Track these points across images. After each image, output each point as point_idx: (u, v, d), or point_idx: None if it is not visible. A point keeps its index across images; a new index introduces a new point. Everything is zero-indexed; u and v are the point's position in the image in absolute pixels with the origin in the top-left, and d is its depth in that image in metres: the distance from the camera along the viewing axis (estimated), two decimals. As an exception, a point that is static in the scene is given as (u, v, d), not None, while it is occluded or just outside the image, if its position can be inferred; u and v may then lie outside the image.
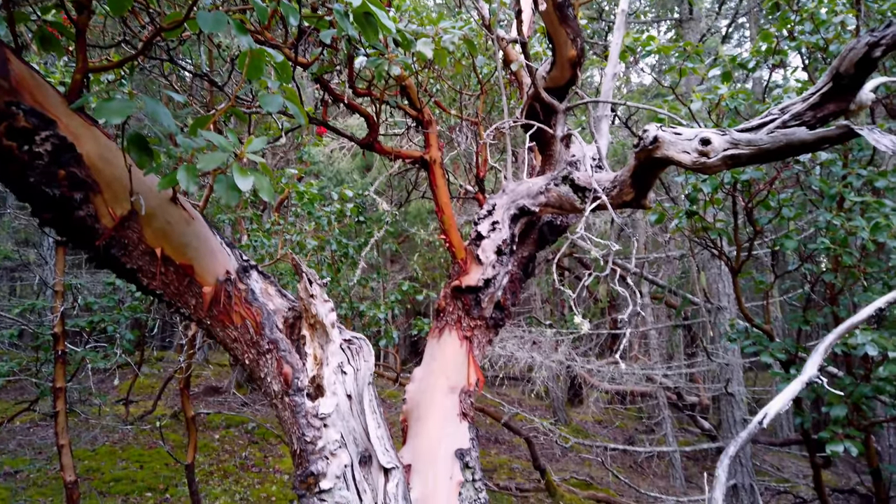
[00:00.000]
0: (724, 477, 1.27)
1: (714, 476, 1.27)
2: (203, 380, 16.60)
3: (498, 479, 11.59)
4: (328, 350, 2.10)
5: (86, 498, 8.36)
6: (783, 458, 14.45)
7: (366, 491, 2.20)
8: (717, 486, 1.25)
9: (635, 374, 9.85)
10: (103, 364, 6.42)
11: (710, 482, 1.27)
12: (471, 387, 3.24)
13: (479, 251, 3.21)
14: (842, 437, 3.56)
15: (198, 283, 2.00)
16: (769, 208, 4.06)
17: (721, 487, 1.25)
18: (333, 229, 6.68)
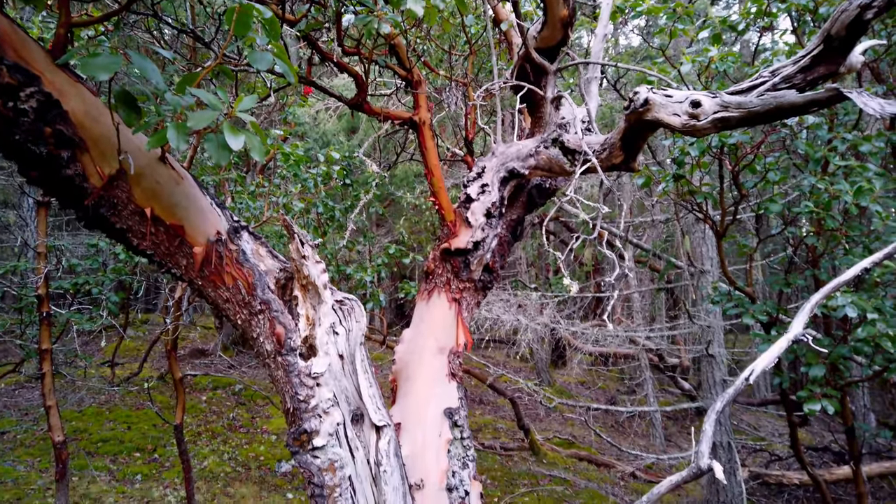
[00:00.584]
0: (710, 431, 1.31)
1: (701, 430, 1.31)
2: (189, 342, 16.63)
3: (483, 438, 11.82)
4: (320, 311, 2.11)
5: (74, 458, 8.42)
6: (760, 417, 14.86)
7: (358, 448, 2.24)
8: (703, 439, 1.30)
9: (618, 336, 10.00)
10: (89, 326, 6.40)
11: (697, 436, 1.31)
12: (459, 348, 3.28)
13: (469, 214, 3.21)
14: (819, 397, 3.67)
15: (188, 243, 1.99)
16: (755, 172, 4.09)
17: (708, 441, 1.30)
18: (320, 192, 6.64)
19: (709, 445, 1.30)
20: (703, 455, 1.27)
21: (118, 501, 7.28)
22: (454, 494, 2.83)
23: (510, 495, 8.87)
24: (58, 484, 6.01)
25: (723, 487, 8.13)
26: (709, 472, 1.25)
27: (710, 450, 1.28)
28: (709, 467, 1.25)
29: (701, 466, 1.27)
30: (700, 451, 1.28)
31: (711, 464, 1.24)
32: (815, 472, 5.25)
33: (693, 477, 1.30)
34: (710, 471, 1.24)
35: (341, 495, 2.13)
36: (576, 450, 11.32)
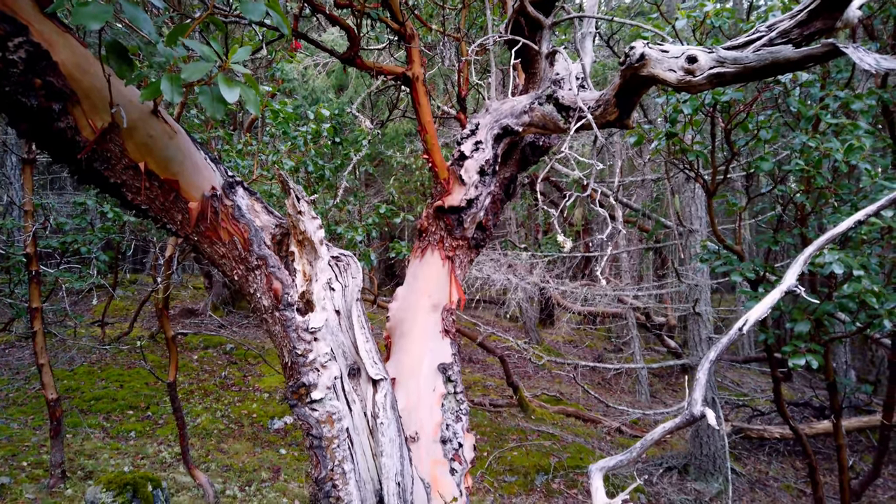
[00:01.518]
0: (704, 379, 1.35)
1: (695, 378, 1.35)
2: (179, 302, 16.64)
3: (472, 395, 12.02)
4: (317, 266, 2.12)
5: (67, 416, 8.49)
6: (744, 374, 15.18)
7: (355, 401, 2.28)
8: (697, 386, 1.33)
9: (606, 295, 10.12)
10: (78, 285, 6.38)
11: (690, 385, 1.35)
12: (452, 305, 3.31)
13: (462, 171, 3.20)
14: (804, 352, 3.75)
15: (183, 198, 1.98)
16: (747, 130, 4.10)
17: (701, 388, 1.33)
18: (309, 150, 6.58)
19: (702, 393, 1.33)
20: (696, 402, 1.31)
21: (113, 457, 7.37)
22: (448, 446, 2.90)
23: (499, 450, 9.07)
24: (52, 440, 6.09)
25: (706, 441, 8.36)
26: (702, 418, 1.29)
27: (703, 397, 1.32)
28: (702, 414, 1.29)
29: (694, 413, 1.31)
30: (693, 398, 1.31)
31: (704, 411, 1.28)
32: (797, 426, 5.40)
33: (686, 423, 1.34)
34: (703, 417, 1.28)
35: (339, 446, 2.18)
36: (563, 406, 11.55)
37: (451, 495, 2.67)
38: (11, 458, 6.94)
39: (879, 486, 8.82)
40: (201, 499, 6.46)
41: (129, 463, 7.34)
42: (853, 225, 1.53)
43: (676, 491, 8.17)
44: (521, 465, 8.60)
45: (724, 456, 8.12)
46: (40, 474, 6.45)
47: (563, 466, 8.57)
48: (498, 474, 8.42)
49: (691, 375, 8.72)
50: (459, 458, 2.88)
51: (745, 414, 10.91)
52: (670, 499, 7.97)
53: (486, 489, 8.00)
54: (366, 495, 2.31)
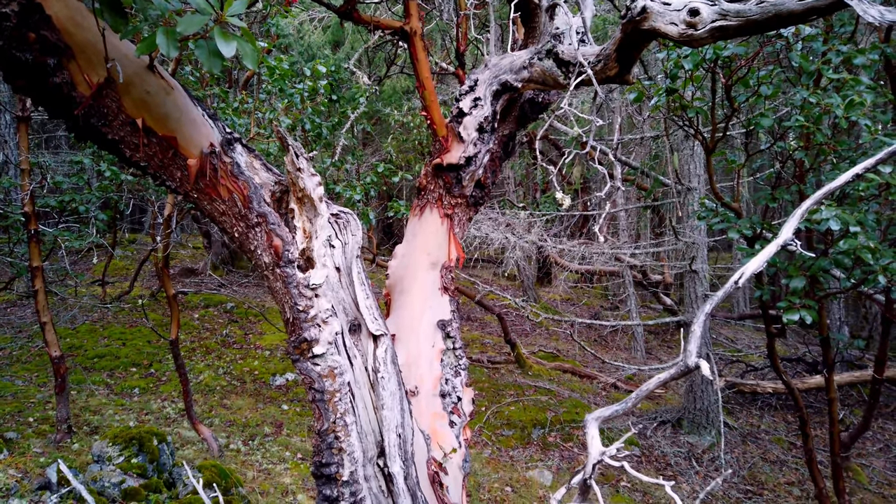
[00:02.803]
0: (699, 331, 1.37)
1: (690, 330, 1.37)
2: (178, 261, 16.67)
3: (471, 352, 12.18)
4: (317, 224, 2.13)
5: (71, 373, 8.60)
6: (738, 331, 15.36)
7: (356, 356, 2.32)
8: (692, 338, 1.36)
9: (604, 253, 10.16)
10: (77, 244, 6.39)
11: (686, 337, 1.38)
12: (451, 263, 3.33)
13: (461, 128, 3.18)
14: (798, 307, 3.80)
15: (182, 155, 1.98)
16: (748, 86, 4.06)
17: (696, 340, 1.36)
18: (306, 108, 6.51)
19: (697, 345, 1.36)
20: (691, 353, 1.34)
21: (118, 413, 7.51)
22: (447, 400, 2.97)
23: (497, 405, 9.25)
24: (58, 396, 6.19)
25: (699, 396, 8.52)
26: (696, 370, 1.32)
27: (697, 349, 1.35)
28: (696, 365, 1.31)
29: (689, 364, 1.33)
30: (689, 349, 1.34)
31: (699, 362, 1.31)
32: (790, 380, 5.51)
33: (681, 374, 1.37)
34: (698, 369, 1.31)
35: (341, 399, 2.23)
36: (560, 363, 11.72)
37: (450, 447, 2.74)
38: (17, 413, 7.07)
39: (869, 439, 9.04)
40: (206, 452, 6.61)
41: (133, 418, 7.48)
42: (850, 179, 1.54)
43: (670, 444, 8.37)
44: (518, 419, 8.78)
45: (716, 410, 8.29)
46: (47, 429, 6.58)
47: (559, 420, 8.75)
48: (495, 428, 8.61)
49: (687, 330, 8.84)
50: (458, 412, 2.94)
51: (738, 369, 11.09)
52: (663, 451, 8.17)
53: (483, 442, 8.18)
54: (367, 446, 2.37)
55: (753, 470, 7.80)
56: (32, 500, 3.93)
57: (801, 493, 7.28)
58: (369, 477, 2.40)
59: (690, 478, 7.49)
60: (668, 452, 8.11)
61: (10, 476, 4.16)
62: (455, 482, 2.74)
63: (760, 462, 8.01)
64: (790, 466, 7.97)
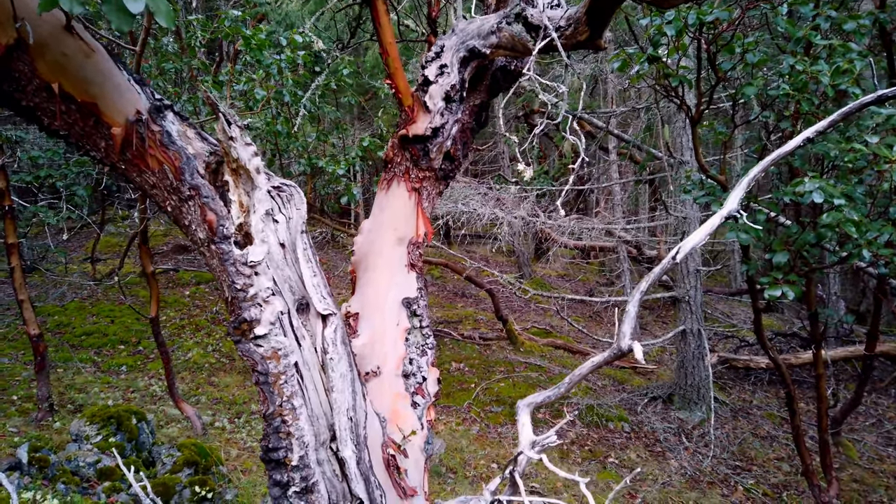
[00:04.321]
0: (634, 312, 1.27)
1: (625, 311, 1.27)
2: (172, 238, 16.57)
3: (463, 329, 12.12)
4: (255, 197, 2.01)
5: (58, 350, 8.56)
6: (734, 306, 15.28)
7: (304, 337, 2.22)
8: (626, 320, 1.25)
9: (597, 228, 10.03)
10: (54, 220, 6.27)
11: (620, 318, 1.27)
12: (419, 238, 3.21)
13: (427, 98, 3.03)
14: (781, 283, 3.69)
15: (105, 123, 1.84)
16: (733, 52, 3.89)
17: (630, 322, 1.25)
18: (286, 79, 6.33)
19: (631, 326, 1.25)
20: (624, 335, 1.23)
21: (103, 391, 7.46)
22: (411, 380, 2.87)
23: (486, 381, 9.20)
24: (38, 375, 6.13)
25: (691, 371, 8.46)
26: (629, 353, 1.22)
27: (632, 330, 1.24)
28: (629, 348, 1.21)
29: (622, 347, 1.23)
30: (622, 331, 1.24)
31: (632, 345, 1.20)
32: (778, 356, 5.42)
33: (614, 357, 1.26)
34: (630, 352, 1.20)
35: (286, 382, 2.13)
36: (552, 339, 11.67)
37: (411, 428, 2.65)
38: (1, 392, 7.02)
39: (861, 414, 8.99)
40: (190, 430, 6.57)
41: (119, 396, 7.44)
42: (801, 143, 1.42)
43: (660, 419, 8.33)
44: (507, 395, 8.74)
45: (707, 385, 8.23)
46: (30, 408, 6.54)
47: (550, 397, 8.69)
48: (484, 405, 8.57)
49: (678, 307, 8.75)
50: (422, 392, 2.85)
51: (732, 345, 11.03)
52: (653, 427, 8.13)
53: (472, 419, 8.15)
54: (319, 430, 2.28)
55: (743, 446, 7.77)
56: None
57: (791, 468, 7.25)
58: (322, 461, 2.31)
59: (679, 454, 7.45)
60: (657, 428, 8.08)
61: (-21, 456, 4.09)
62: (416, 465, 2.65)
63: (751, 438, 7.98)
64: (780, 442, 7.93)
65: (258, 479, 5.80)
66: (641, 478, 6.74)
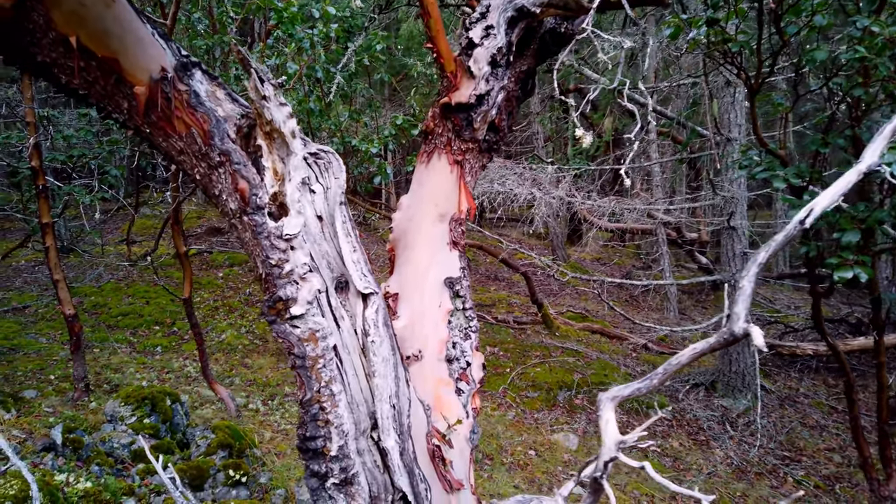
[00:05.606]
0: (749, 288, 1.05)
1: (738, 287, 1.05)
2: (205, 221, 16.69)
3: (497, 312, 11.93)
4: (290, 163, 1.83)
5: (95, 331, 8.61)
6: (777, 291, 14.80)
7: (343, 318, 2.05)
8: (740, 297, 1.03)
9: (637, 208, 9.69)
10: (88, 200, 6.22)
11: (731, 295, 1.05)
12: (461, 214, 3.01)
13: (471, 62, 2.81)
14: (851, 264, 3.40)
15: (128, 81, 1.68)
16: (799, 14, 3.59)
17: (745, 300, 1.03)
18: (319, 55, 6.16)
19: (746, 306, 1.04)
20: (738, 317, 1.01)
21: (139, 371, 7.47)
22: (454, 365, 2.69)
23: (522, 366, 9.00)
24: (74, 355, 6.13)
25: (735, 358, 8.14)
26: (744, 338, 1.01)
27: (747, 311, 1.03)
28: (745, 332, 1.00)
29: (735, 331, 1.01)
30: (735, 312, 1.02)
31: (749, 328, 0.99)
32: (837, 343, 5.11)
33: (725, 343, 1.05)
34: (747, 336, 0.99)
35: (325, 366, 1.96)
36: (588, 323, 11.40)
37: (455, 417, 2.47)
38: (39, 371, 7.07)
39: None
40: (223, 412, 6.53)
41: (154, 377, 7.44)
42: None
43: (703, 407, 8.04)
44: (543, 381, 8.53)
45: (753, 372, 7.91)
46: (67, 387, 6.56)
47: (587, 383, 8.48)
48: (520, 390, 8.38)
49: (724, 290, 8.41)
50: (467, 378, 2.67)
51: (776, 330, 10.63)
52: (696, 415, 7.85)
53: (507, 404, 7.97)
54: (360, 418, 2.11)
55: (791, 435, 7.45)
56: (34, 461, 3.82)
57: (843, 459, 6.93)
58: (363, 451, 2.15)
59: (724, 443, 7.18)
60: (700, 416, 7.80)
61: (14, 437, 4.05)
62: (461, 456, 2.47)
63: (799, 427, 7.65)
64: (831, 432, 7.59)
65: (292, 463, 5.72)
66: (686, 467, 6.50)
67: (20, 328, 8.44)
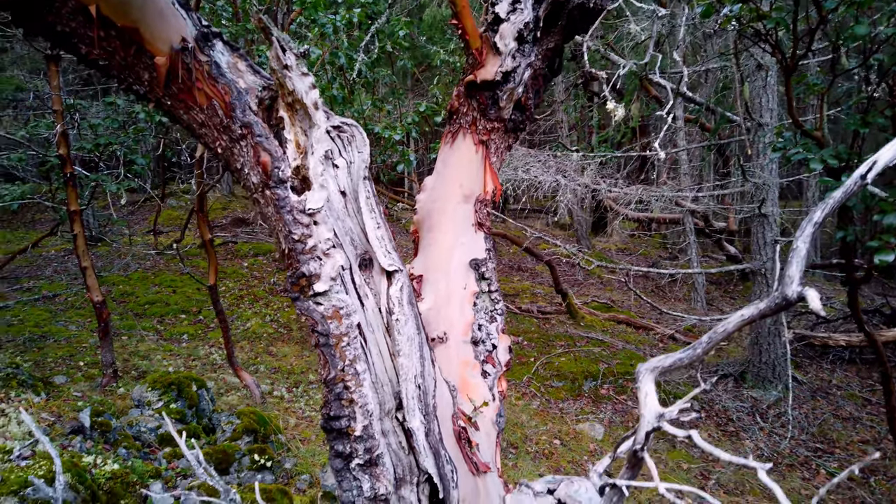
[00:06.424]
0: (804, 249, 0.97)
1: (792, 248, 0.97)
2: (230, 212, 16.83)
3: (520, 302, 11.85)
4: (312, 136, 1.78)
5: (123, 319, 8.73)
6: (808, 281, 14.49)
7: (367, 295, 2.00)
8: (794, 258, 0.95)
9: (664, 195, 9.51)
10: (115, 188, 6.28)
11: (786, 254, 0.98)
12: (487, 195, 2.94)
13: (497, 38, 2.74)
14: (893, 247, 3.27)
15: (148, 52, 1.65)
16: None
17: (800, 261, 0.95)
18: (342, 41, 6.12)
19: (801, 268, 0.96)
20: (791, 280, 0.93)
21: (166, 358, 7.55)
22: (480, 347, 2.63)
23: (546, 356, 8.93)
24: (102, 341, 6.20)
25: (766, 348, 7.97)
26: (798, 302, 0.93)
27: (801, 273, 0.95)
28: (799, 296, 0.92)
29: (787, 295, 0.94)
30: (788, 274, 0.94)
31: (804, 292, 0.91)
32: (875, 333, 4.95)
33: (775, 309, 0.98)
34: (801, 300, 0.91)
35: (349, 344, 1.92)
36: (614, 313, 11.27)
37: (481, 399, 2.42)
38: (69, 358, 7.18)
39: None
40: (249, 398, 6.56)
41: (181, 364, 7.51)
42: None
43: (732, 398, 7.89)
44: (568, 370, 8.45)
45: (784, 363, 7.74)
46: (95, 374, 6.65)
47: (613, 373, 8.37)
48: (545, 379, 8.31)
49: (753, 280, 8.23)
50: (493, 361, 2.61)
51: (807, 321, 10.40)
52: (724, 406, 7.71)
53: (532, 394, 7.91)
54: (384, 398, 2.07)
55: (823, 427, 7.28)
56: (63, 444, 3.87)
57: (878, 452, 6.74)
58: (388, 432, 2.11)
59: (754, 434, 7.03)
60: (729, 407, 7.66)
61: (43, 420, 4.10)
62: (488, 439, 2.42)
63: (831, 419, 7.47)
64: (864, 424, 7.40)
65: (317, 449, 5.73)
66: (714, 458, 6.37)
67: (50, 316, 8.58)
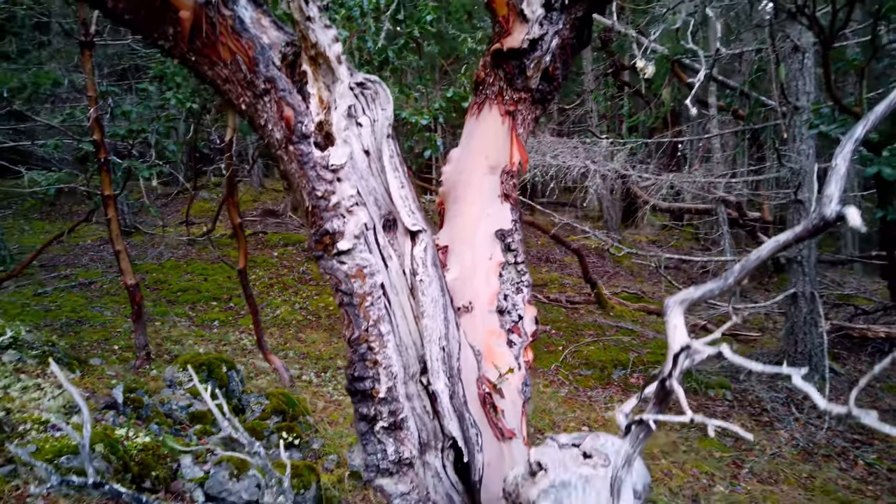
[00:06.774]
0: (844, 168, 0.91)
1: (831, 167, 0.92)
2: (260, 203, 17.04)
3: (549, 292, 11.77)
4: (336, 91, 1.77)
5: (156, 305, 8.89)
6: (845, 274, 14.13)
7: (391, 256, 1.99)
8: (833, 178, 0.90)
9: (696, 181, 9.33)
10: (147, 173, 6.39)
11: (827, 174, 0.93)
12: (514, 166, 2.91)
13: (524, 4, 2.70)
14: (937, 221, 3.15)
15: (172, 6, 1.65)
16: (883, -47, 3.33)
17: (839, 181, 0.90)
18: (369, 25, 6.12)
19: (839, 187, 0.90)
20: (830, 199, 0.88)
21: (197, 343, 7.68)
22: (506, 317, 2.61)
23: (575, 344, 8.85)
24: (135, 324, 6.32)
25: (801, 338, 7.78)
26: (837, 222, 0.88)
27: (840, 192, 0.90)
28: (839, 215, 0.87)
29: (826, 215, 0.89)
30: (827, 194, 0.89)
31: (843, 210, 0.86)
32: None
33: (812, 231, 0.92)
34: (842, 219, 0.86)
35: (373, 304, 1.91)
36: (644, 304, 11.12)
37: (507, 367, 2.39)
38: (104, 342, 7.35)
39: None
40: (278, 382, 6.63)
41: (212, 349, 7.63)
42: None
43: (766, 389, 7.72)
44: (597, 359, 8.36)
45: (821, 353, 7.54)
46: (129, 357, 6.79)
47: (643, 362, 8.26)
48: (573, 368, 8.24)
49: (789, 269, 8.04)
50: (518, 331, 2.58)
51: (846, 313, 10.12)
52: (758, 396, 7.55)
53: (560, 381, 7.85)
54: (408, 361, 2.06)
55: (861, 419, 7.06)
56: (97, 418, 3.95)
57: (918, 444, 6.53)
58: (412, 396, 2.09)
59: (789, 424, 6.87)
60: (763, 398, 7.49)
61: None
62: (513, 407, 2.39)
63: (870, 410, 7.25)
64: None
65: (344, 431, 5.76)
66: (748, 447, 6.25)
67: (86, 302, 8.79)
